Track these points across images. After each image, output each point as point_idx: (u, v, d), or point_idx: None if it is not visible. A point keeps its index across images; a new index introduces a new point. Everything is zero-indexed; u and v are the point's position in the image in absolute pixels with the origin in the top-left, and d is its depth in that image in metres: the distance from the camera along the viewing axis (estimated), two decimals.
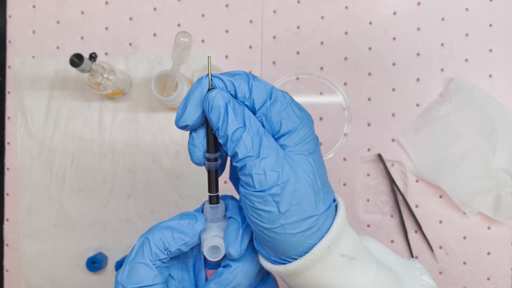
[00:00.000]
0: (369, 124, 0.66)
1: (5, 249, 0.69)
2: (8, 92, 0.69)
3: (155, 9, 0.68)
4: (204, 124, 0.31)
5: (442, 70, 0.65)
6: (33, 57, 0.69)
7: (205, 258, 0.35)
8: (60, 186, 0.68)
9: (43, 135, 0.68)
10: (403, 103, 0.66)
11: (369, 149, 0.66)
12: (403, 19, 0.66)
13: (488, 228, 0.65)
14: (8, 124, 0.69)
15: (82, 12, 0.68)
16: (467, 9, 0.65)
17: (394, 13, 0.66)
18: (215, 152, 0.31)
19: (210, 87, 0.30)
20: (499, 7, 0.65)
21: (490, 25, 0.65)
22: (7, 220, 0.69)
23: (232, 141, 0.29)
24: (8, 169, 0.69)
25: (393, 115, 0.66)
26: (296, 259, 0.30)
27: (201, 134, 0.31)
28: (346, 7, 0.66)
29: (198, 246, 0.34)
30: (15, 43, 0.69)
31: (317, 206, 0.29)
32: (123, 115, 0.67)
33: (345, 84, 0.66)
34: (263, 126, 0.30)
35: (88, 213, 0.68)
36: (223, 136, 0.29)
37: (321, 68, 0.66)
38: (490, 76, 0.65)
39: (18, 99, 0.69)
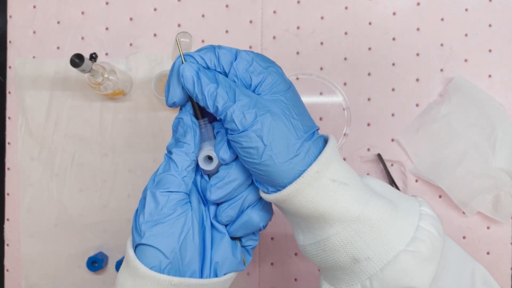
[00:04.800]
0: (368, 124, 0.66)
1: (6, 249, 0.69)
2: (9, 92, 0.69)
3: (155, 9, 0.68)
4: (189, 99, 0.36)
5: (441, 70, 0.65)
6: (34, 57, 0.69)
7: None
8: (60, 186, 0.68)
9: (44, 135, 0.68)
10: (402, 103, 0.66)
11: (368, 149, 0.66)
12: (402, 19, 0.66)
13: (488, 228, 0.65)
14: (8, 124, 0.69)
15: (83, 12, 0.69)
16: (466, 10, 0.65)
17: (394, 13, 0.66)
18: (202, 118, 0.36)
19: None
20: (498, 7, 0.65)
21: (490, 25, 0.65)
22: (7, 220, 0.69)
23: (210, 97, 0.33)
24: (8, 169, 0.69)
25: (392, 115, 0.66)
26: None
27: (188, 107, 0.36)
28: (346, 7, 0.66)
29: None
30: (15, 43, 0.69)
31: (297, 134, 0.33)
32: (124, 115, 0.68)
33: (345, 84, 0.66)
34: None
35: (88, 213, 0.68)
36: (202, 98, 0.34)
37: (321, 68, 0.66)
38: (490, 76, 0.65)
39: (19, 99, 0.69)
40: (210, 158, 0.36)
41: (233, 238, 0.38)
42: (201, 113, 0.36)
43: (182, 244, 0.34)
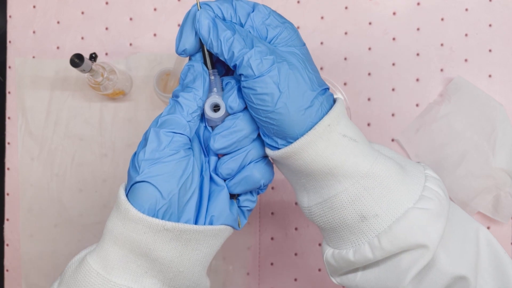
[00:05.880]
0: (369, 124, 0.66)
1: (6, 249, 0.69)
2: (9, 92, 0.69)
3: (155, 9, 0.68)
4: (200, 48, 0.35)
5: (441, 70, 0.65)
6: (34, 57, 0.69)
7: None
8: (60, 186, 0.68)
9: (44, 135, 0.68)
10: (402, 103, 0.66)
11: None
12: (403, 19, 0.66)
13: (488, 228, 0.65)
14: (8, 124, 0.69)
15: (82, 12, 0.69)
16: (466, 9, 0.65)
17: (394, 13, 0.66)
18: (213, 69, 0.35)
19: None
20: (498, 7, 0.65)
21: (490, 25, 0.65)
22: (7, 220, 0.69)
23: (226, 43, 0.32)
24: (8, 169, 0.69)
25: (393, 115, 0.66)
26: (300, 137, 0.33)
27: (198, 57, 0.35)
28: (346, 7, 0.66)
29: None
30: (15, 43, 0.69)
31: (312, 86, 0.33)
32: (124, 115, 0.68)
33: (345, 84, 0.66)
34: None
35: (88, 213, 0.68)
36: (217, 44, 0.33)
37: (321, 68, 0.66)
38: (490, 76, 0.65)
39: (19, 99, 0.69)
40: (216, 109, 0.35)
41: (230, 197, 0.37)
42: (212, 63, 0.35)
43: (182, 188, 0.32)
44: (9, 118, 0.69)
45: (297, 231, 0.66)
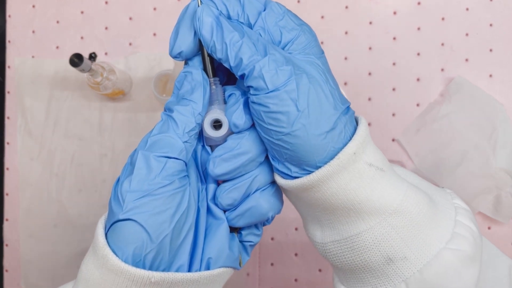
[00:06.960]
0: (369, 124, 0.66)
1: (5, 249, 0.69)
2: (8, 92, 0.69)
3: (154, 8, 0.68)
4: (199, 52, 0.30)
5: (442, 70, 0.65)
6: (33, 57, 0.69)
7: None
8: (60, 186, 0.68)
9: (43, 135, 0.68)
10: (403, 103, 0.66)
11: None
12: (403, 19, 0.66)
13: (489, 228, 0.65)
14: (8, 124, 0.69)
15: (82, 12, 0.68)
16: (467, 9, 0.65)
17: (394, 13, 0.66)
18: (214, 77, 0.30)
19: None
20: (499, 7, 0.65)
21: (490, 25, 0.65)
22: (7, 220, 0.69)
23: (233, 47, 0.27)
24: (8, 169, 0.69)
25: (393, 115, 0.66)
26: (320, 166, 0.27)
27: (196, 62, 0.30)
28: (346, 7, 0.66)
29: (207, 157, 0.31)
30: (15, 43, 0.69)
31: (335, 104, 0.28)
32: (123, 115, 0.67)
33: (345, 84, 0.66)
34: None
35: (88, 213, 0.68)
36: (221, 48, 0.27)
37: None
38: (490, 76, 0.65)
39: (18, 99, 0.68)
40: (217, 124, 0.30)
41: (231, 230, 0.31)
42: (213, 70, 0.30)
43: (175, 227, 0.27)
44: (8, 118, 0.69)
45: (297, 231, 0.66)
